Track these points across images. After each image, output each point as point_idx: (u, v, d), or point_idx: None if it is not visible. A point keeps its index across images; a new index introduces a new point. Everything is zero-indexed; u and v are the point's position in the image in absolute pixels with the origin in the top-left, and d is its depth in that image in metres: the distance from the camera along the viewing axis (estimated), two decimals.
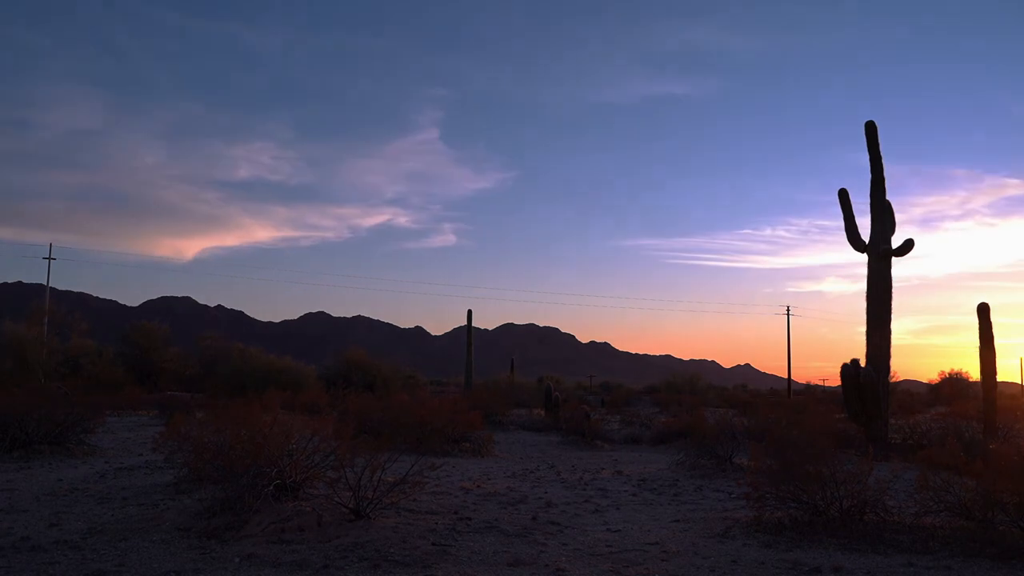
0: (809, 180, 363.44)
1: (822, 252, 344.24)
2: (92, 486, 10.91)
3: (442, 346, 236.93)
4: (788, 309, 76.86)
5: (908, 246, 19.83)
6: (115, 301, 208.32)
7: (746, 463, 12.35)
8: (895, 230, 20.18)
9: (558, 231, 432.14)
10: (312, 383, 39.47)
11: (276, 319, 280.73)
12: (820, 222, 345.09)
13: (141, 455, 14.96)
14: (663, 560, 7.15)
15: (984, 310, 20.17)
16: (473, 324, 48.97)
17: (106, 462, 13.83)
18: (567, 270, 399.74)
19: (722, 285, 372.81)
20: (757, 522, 8.56)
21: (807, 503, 8.40)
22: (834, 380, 42.38)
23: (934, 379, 55.30)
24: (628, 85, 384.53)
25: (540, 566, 6.79)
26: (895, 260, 19.87)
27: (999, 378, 20.52)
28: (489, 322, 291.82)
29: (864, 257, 20.22)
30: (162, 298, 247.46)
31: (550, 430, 24.50)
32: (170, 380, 41.89)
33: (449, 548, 7.24)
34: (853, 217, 20.74)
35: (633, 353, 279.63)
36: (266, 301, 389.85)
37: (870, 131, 20.28)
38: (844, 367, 18.75)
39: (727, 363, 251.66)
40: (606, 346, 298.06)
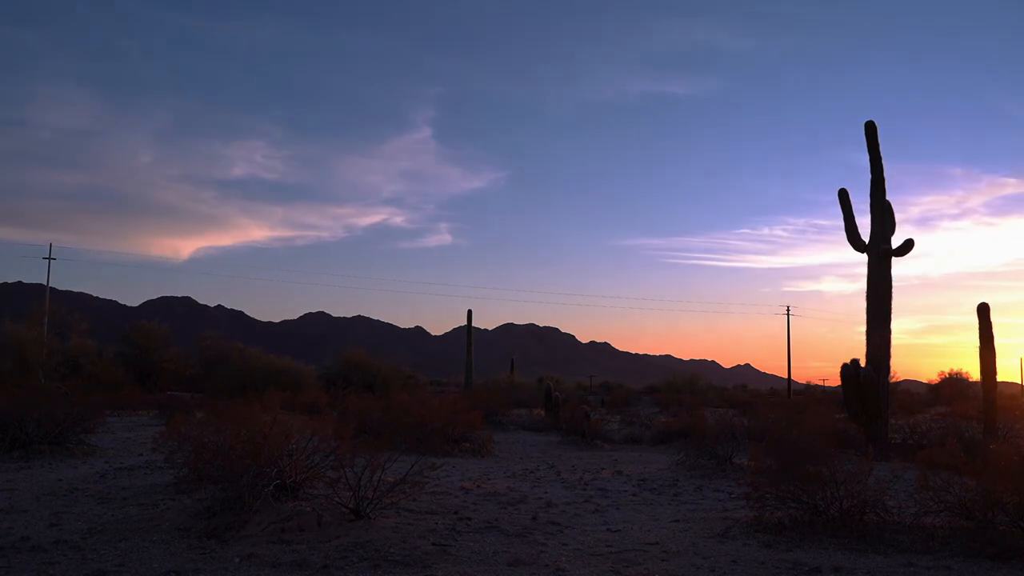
0: (808, 180, 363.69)
1: (821, 252, 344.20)
2: (92, 486, 10.91)
3: (442, 346, 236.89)
4: (788, 309, 76.99)
5: (908, 246, 19.86)
6: (115, 301, 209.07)
7: (746, 463, 12.34)
8: (895, 230, 20.21)
9: (557, 231, 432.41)
10: (312, 383, 39.45)
11: (276, 319, 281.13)
12: (818, 221, 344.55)
13: (141, 455, 14.96)
14: (663, 560, 7.15)
15: (984, 310, 20.17)
16: (473, 324, 49.04)
17: (106, 462, 13.83)
18: (567, 270, 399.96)
19: (722, 285, 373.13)
20: (757, 522, 8.56)
21: (807, 503, 8.40)
22: (834, 380, 42.48)
23: (934, 379, 55.57)
24: (628, 85, 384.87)
25: (540, 566, 6.79)
26: (895, 260, 19.90)
27: (999, 378, 20.51)
28: (489, 322, 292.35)
29: (864, 257, 20.24)
30: (162, 298, 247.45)
31: (550, 430, 24.49)
32: (170, 380, 41.85)
33: (449, 548, 7.24)
34: (853, 217, 20.75)
35: (633, 353, 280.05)
36: (265, 301, 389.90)
37: (870, 131, 20.30)
38: (844, 367, 18.75)
39: (727, 363, 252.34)
40: (606, 346, 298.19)
